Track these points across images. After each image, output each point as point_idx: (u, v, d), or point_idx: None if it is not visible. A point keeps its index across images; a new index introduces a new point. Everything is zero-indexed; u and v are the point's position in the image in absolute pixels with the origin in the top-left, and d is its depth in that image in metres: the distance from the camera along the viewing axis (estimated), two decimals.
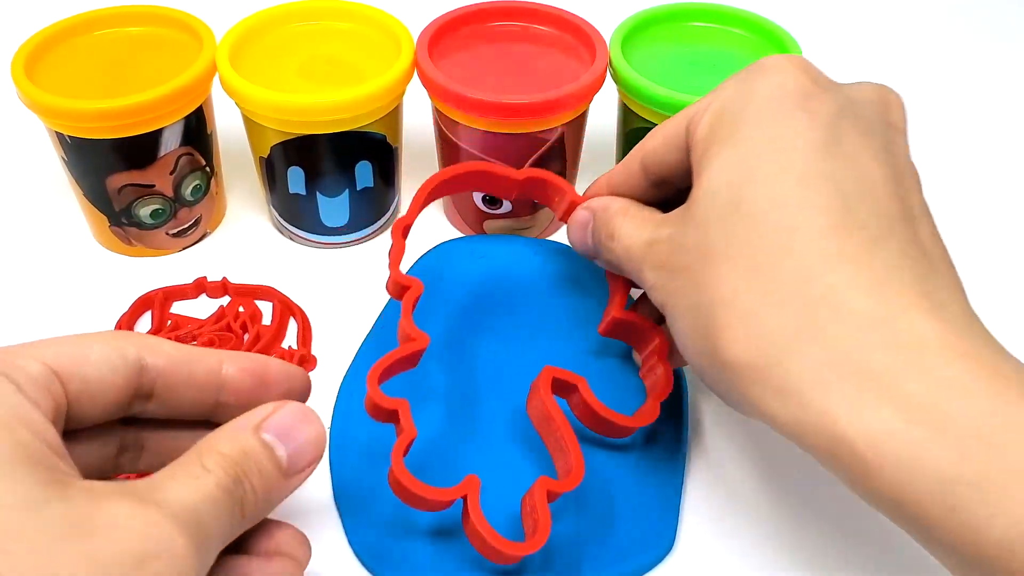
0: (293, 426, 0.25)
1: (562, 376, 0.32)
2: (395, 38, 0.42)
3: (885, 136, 0.27)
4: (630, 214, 0.31)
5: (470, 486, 0.28)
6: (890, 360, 0.22)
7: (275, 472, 0.24)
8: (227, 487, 0.23)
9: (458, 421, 0.33)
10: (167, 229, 0.43)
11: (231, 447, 0.24)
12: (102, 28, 0.42)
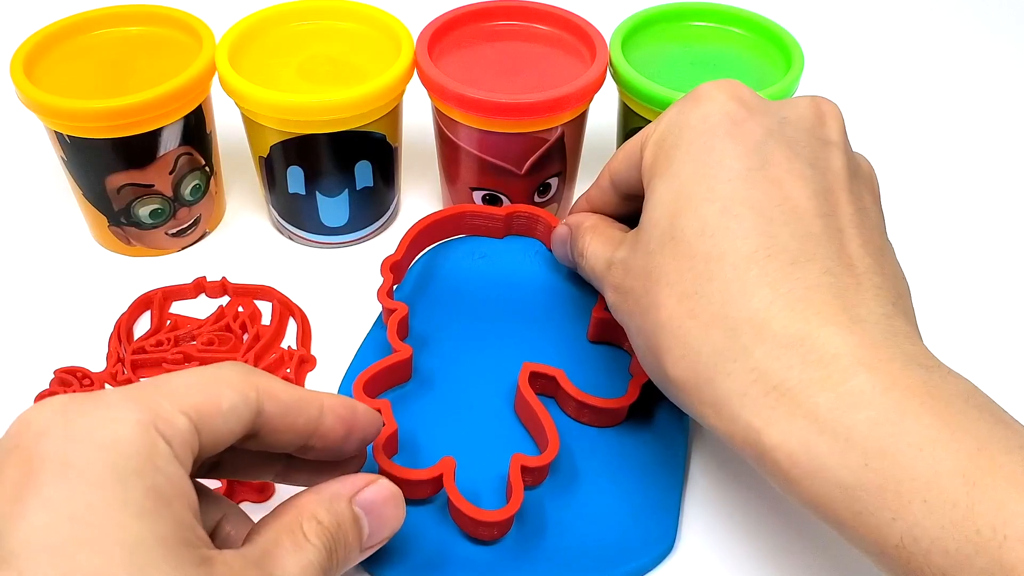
0: (383, 505, 0.26)
1: (540, 370, 0.34)
2: (395, 37, 0.41)
3: (814, 153, 0.28)
4: (597, 231, 0.33)
5: (446, 466, 0.30)
6: (805, 376, 0.24)
7: (356, 545, 0.26)
8: (322, 561, 0.24)
9: (448, 411, 0.34)
10: (166, 229, 0.43)
11: (329, 518, 0.25)
12: (101, 28, 0.42)
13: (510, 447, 0.33)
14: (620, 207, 0.34)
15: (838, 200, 0.27)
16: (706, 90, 0.29)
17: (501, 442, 0.33)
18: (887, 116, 0.55)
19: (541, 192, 0.42)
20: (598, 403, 0.33)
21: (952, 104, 0.56)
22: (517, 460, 0.30)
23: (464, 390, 0.35)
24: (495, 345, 0.36)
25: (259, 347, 0.38)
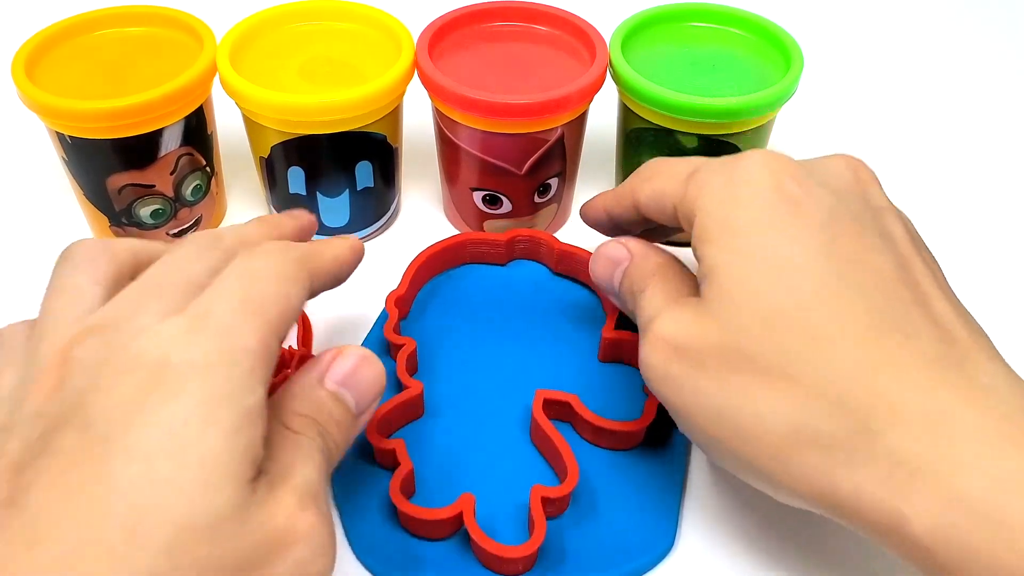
0: (356, 371, 0.27)
1: (554, 396, 0.33)
2: (395, 38, 0.42)
3: (876, 221, 0.27)
4: (665, 278, 0.30)
5: (465, 504, 0.30)
6: (951, 457, 0.23)
7: (348, 417, 0.26)
8: (321, 447, 0.25)
9: (463, 444, 0.34)
10: (167, 229, 0.43)
11: (308, 406, 0.25)
12: (102, 28, 0.42)
13: (528, 477, 0.32)
14: (641, 224, 0.34)
15: (913, 265, 0.27)
16: (750, 164, 0.28)
17: (519, 472, 0.33)
18: (887, 116, 0.55)
19: (541, 193, 0.42)
20: (616, 427, 0.33)
21: (952, 104, 0.57)
22: (537, 492, 0.30)
23: (478, 421, 0.34)
24: (506, 372, 0.36)
25: None
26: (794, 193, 0.27)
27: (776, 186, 0.27)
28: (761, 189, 0.27)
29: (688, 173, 0.29)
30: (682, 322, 0.27)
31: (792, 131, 0.52)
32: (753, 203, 0.27)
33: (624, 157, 0.44)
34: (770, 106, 0.39)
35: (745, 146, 0.41)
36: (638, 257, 0.31)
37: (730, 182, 0.28)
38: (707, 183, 0.28)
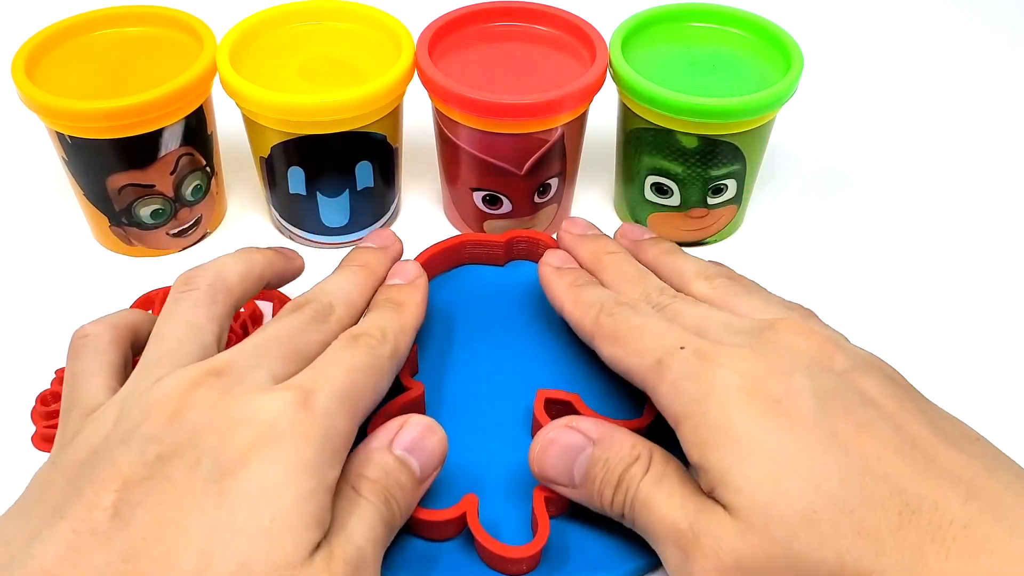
0: (422, 439, 0.29)
1: (555, 396, 0.33)
2: (395, 38, 0.42)
3: (853, 391, 0.27)
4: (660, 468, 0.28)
5: (469, 504, 0.30)
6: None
7: (412, 482, 0.28)
8: (383, 513, 0.27)
9: (465, 444, 0.34)
10: (167, 229, 0.43)
11: (375, 471, 0.27)
12: (102, 28, 0.42)
13: (530, 476, 0.32)
14: None
15: (904, 421, 0.26)
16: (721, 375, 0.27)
17: (521, 472, 0.33)
18: (887, 116, 0.55)
19: (541, 193, 0.42)
20: (619, 424, 0.32)
21: (952, 103, 0.57)
22: (540, 492, 0.30)
23: (479, 421, 0.34)
24: (507, 372, 0.36)
25: None
26: (775, 392, 0.27)
27: (755, 390, 0.27)
28: (743, 396, 0.27)
29: (655, 359, 0.29)
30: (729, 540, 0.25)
31: (792, 131, 0.52)
32: (743, 409, 0.26)
33: (624, 157, 0.44)
34: (770, 106, 0.39)
35: (745, 146, 0.41)
36: (605, 441, 0.29)
37: (709, 392, 0.27)
38: (684, 391, 0.28)
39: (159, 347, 0.28)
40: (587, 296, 0.33)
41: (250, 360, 0.27)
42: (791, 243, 0.46)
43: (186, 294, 0.30)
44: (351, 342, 0.29)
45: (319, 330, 0.30)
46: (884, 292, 0.43)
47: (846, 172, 0.51)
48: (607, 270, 0.35)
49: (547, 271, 0.35)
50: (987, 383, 0.39)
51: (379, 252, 0.35)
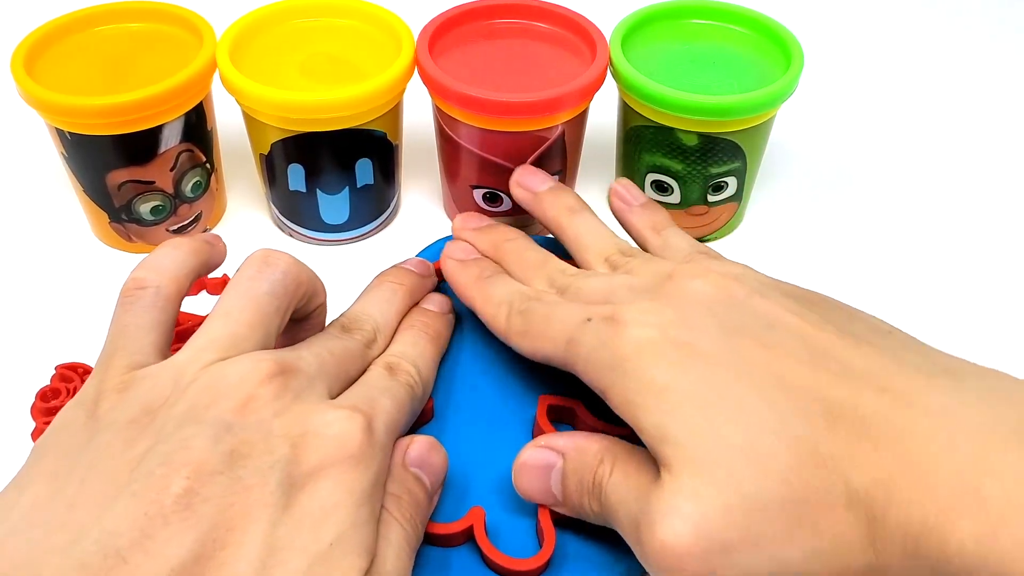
0: (428, 455, 0.29)
1: (558, 402, 0.33)
2: (396, 35, 0.42)
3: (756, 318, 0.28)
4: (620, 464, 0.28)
5: (475, 517, 0.30)
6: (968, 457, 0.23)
7: (426, 500, 0.28)
8: (407, 533, 0.27)
9: (469, 452, 0.34)
10: (167, 225, 0.43)
11: (399, 487, 0.27)
12: (102, 24, 0.42)
13: None
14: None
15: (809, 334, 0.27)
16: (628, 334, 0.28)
17: None
18: (887, 113, 0.55)
19: None
20: (620, 432, 0.32)
21: (952, 102, 0.57)
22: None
23: (484, 429, 0.34)
24: (510, 378, 0.36)
25: None
26: (683, 337, 0.27)
27: (665, 340, 0.27)
28: (655, 349, 0.27)
29: (566, 339, 0.29)
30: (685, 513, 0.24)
31: (792, 128, 0.52)
32: (658, 362, 0.27)
33: (624, 155, 0.44)
34: (770, 104, 0.39)
35: (745, 144, 0.41)
36: (572, 452, 0.29)
37: (623, 354, 0.27)
38: (600, 361, 0.28)
39: (227, 327, 0.27)
40: (495, 292, 0.33)
41: (313, 370, 0.28)
42: (791, 240, 0.46)
43: (264, 275, 0.29)
44: (390, 373, 0.30)
45: (364, 356, 0.31)
46: (884, 289, 0.43)
47: (846, 169, 0.51)
48: (508, 259, 0.35)
49: (451, 265, 0.35)
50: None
51: (419, 278, 0.36)
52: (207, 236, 0.32)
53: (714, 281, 0.29)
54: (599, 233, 0.35)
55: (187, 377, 0.25)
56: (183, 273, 0.29)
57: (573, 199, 0.37)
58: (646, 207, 0.37)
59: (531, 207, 0.38)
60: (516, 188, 0.38)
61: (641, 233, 0.36)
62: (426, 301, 0.36)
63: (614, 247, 0.34)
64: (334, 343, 0.30)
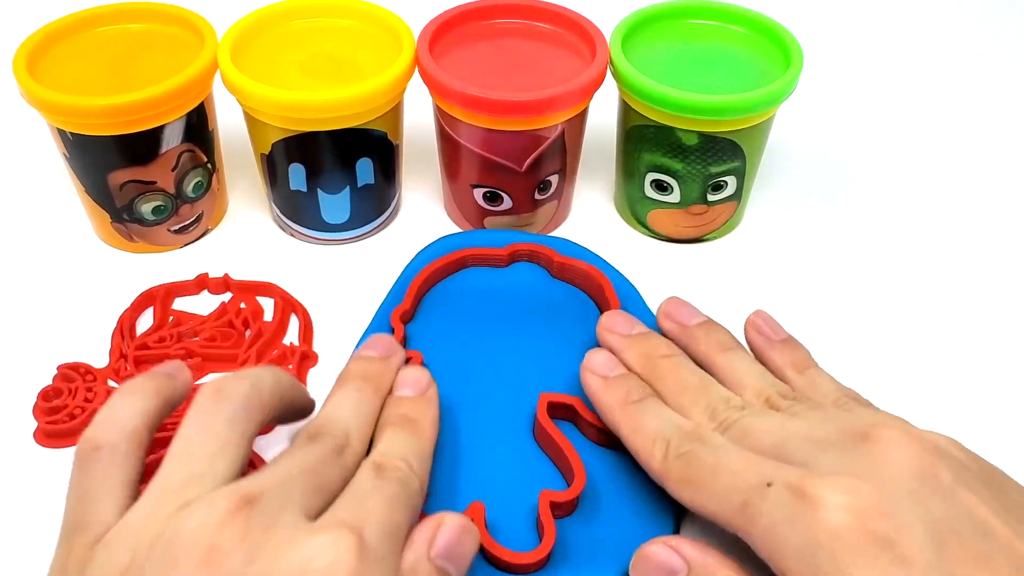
0: (459, 543, 0.27)
1: (558, 399, 0.34)
2: (396, 35, 0.42)
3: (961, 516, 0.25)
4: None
5: (476, 512, 0.30)
6: None
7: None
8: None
9: (470, 448, 0.34)
10: (169, 225, 0.43)
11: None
12: (104, 25, 0.42)
13: (534, 479, 0.33)
14: None
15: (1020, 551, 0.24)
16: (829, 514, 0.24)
17: (526, 475, 0.33)
18: (887, 113, 0.55)
19: (541, 189, 0.42)
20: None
21: (953, 101, 0.57)
22: (546, 497, 0.30)
23: (484, 425, 0.34)
24: (509, 375, 0.36)
25: (261, 344, 0.38)
26: (886, 532, 0.24)
27: (865, 532, 0.24)
28: (854, 542, 0.24)
29: (740, 501, 0.26)
30: None
31: (792, 128, 0.52)
32: (857, 560, 0.24)
33: (624, 154, 0.44)
34: (770, 103, 0.39)
35: (745, 143, 0.41)
36: (699, 569, 0.27)
37: (816, 540, 0.24)
38: (785, 539, 0.25)
39: (182, 467, 0.25)
40: (648, 423, 0.30)
41: (280, 491, 0.25)
42: (791, 239, 0.46)
43: (220, 405, 0.27)
44: (377, 474, 0.27)
45: (339, 463, 0.28)
46: (884, 289, 0.43)
47: (846, 169, 0.51)
48: (664, 379, 0.32)
49: (594, 383, 0.32)
50: (986, 378, 0.39)
51: (382, 364, 0.33)
52: (168, 368, 0.30)
53: (917, 454, 0.26)
54: (755, 370, 0.32)
55: (144, 542, 0.23)
56: (142, 423, 0.27)
57: (727, 336, 0.34)
58: (787, 344, 0.34)
59: (681, 339, 0.34)
60: (665, 320, 0.35)
61: (783, 371, 0.33)
62: (400, 384, 0.32)
63: (772, 387, 0.31)
64: (301, 455, 0.27)
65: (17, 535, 0.32)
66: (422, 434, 0.30)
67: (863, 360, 0.39)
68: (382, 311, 0.39)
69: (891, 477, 0.25)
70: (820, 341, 0.40)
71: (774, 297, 0.42)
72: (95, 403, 0.35)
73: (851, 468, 0.25)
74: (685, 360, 0.33)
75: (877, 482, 0.25)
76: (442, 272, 0.40)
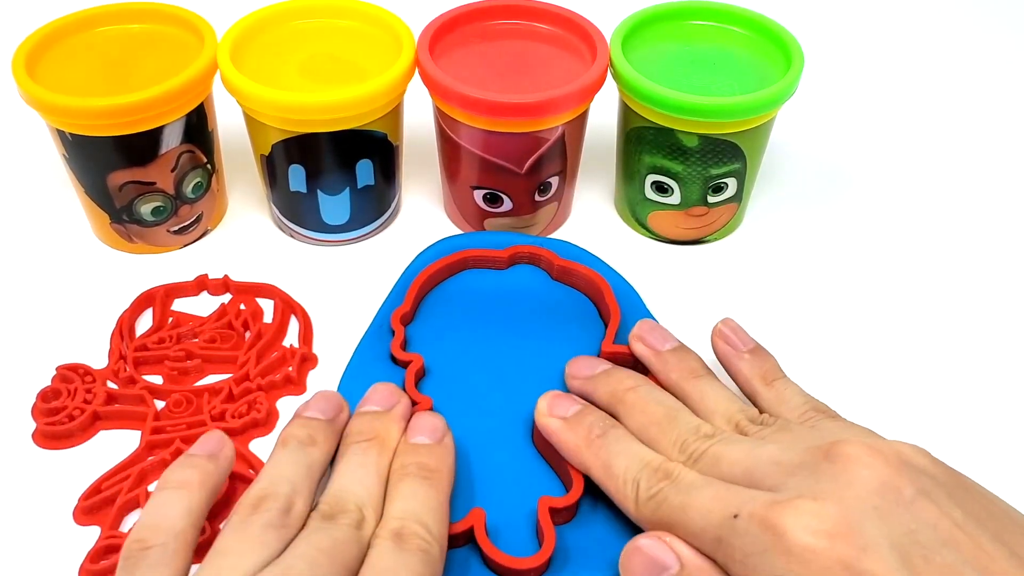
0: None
1: None
2: (396, 36, 0.42)
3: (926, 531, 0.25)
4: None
5: (476, 519, 0.30)
6: None
7: None
8: None
9: (469, 453, 0.34)
10: (168, 226, 0.43)
11: None
12: (103, 25, 0.42)
13: (533, 484, 0.33)
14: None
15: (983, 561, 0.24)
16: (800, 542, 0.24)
17: (525, 480, 0.33)
18: (887, 114, 0.55)
19: (541, 191, 0.42)
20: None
21: (952, 103, 0.57)
22: (545, 503, 0.30)
23: (483, 430, 0.34)
24: (509, 376, 0.36)
25: (261, 345, 0.38)
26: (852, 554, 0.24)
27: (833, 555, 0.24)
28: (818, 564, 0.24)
29: (713, 538, 0.26)
30: None
31: (792, 129, 0.52)
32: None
33: (625, 155, 0.44)
34: (770, 105, 0.39)
35: (745, 145, 0.41)
36: (693, 569, 0.27)
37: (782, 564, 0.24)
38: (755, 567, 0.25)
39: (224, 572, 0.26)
40: (616, 463, 0.30)
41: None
42: (791, 241, 0.46)
43: (260, 515, 0.27)
44: (398, 544, 0.27)
45: (358, 541, 0.27)
46: (883, 290, 0.43)
47: (846, 171, 0.51)
48: (631, 414, 0.31)
49: (553, 426, 0.32)
50: (986, 376, 0.39)
51: (387, 418, 0.32)
52: (209, 446, 0.30)
53: (879, 469, 0.26)
54: (724, 396, 0.32)
55: None
56: (188, 523, 0.28)
57: (697, 362, 0.34)
58: (755, 354, 0.34)
59: (652, 364, 0.34)
60: (637, 343, 0.35)
61: (750, 383, 0.33)
62: (415, 431, 0.31)
63: (741, 412, 0.31)
64: (320, 537, 0.27)
65: (16, 535, 0.32)
66: (439, 485, 0.29)
67: (863, 360, 0.39)
68: (382, 313, 0.39)
69: (855, 495, 0.25)
70: (820, 341, 0.40)
71: (774, 298, 0.42)
72: (94, 404, 0.35)
73: (815, 490, 0.25)
74: (651, 390, 0.32)
75: (841, 502, 0.25)
76: (442, 274, 0.40)
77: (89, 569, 0.31)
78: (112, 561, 0.31)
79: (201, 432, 0.35)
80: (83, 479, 0.33)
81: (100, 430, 0.36)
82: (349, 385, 0.36)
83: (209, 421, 0.35)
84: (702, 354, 0.35)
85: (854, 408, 0.33)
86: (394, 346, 0.36)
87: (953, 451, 0.29)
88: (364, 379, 0.36)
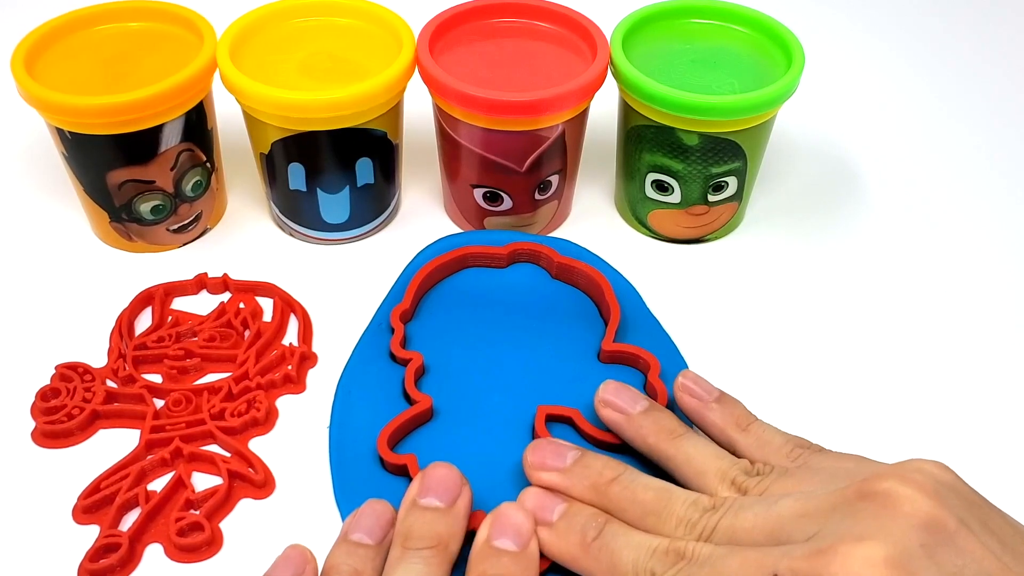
0: None
1: (556, 412, 0.34)
2: (396, 34, 0.42)
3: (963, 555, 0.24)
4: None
5: (475, 518, 0.30)
6: None
7: None
8: None
9: (469, 455, 0.34)
10: (167, 225, 0.43)
11: None
12: (102, 23, 0.42)
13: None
14: None
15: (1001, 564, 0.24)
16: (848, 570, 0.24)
17: (525, 479, 0.32)
18: (888, 113, 0.55)
19: (542, 190, 0.42)
20: (618, 441, 0.33)
21: (953, 101, 0.56)
22: None
23: (483, 434, 0.34)
24: (508, 374, 0.36)
25: (260, 344, 0.38)
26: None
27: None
28: None
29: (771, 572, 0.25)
30: None
31: (793, 128, 0.52)
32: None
33: (625, 154, 0.44)
34: (771, 104, 0.39)
35: (746, 144, 0.41)
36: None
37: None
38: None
39: None
40: (623, 559, 0.28)
41: None
42: (791, 240, 0.46)
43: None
44: None
45: None
46: (884, 290, 0.43)
47: (847, 169, 0.50)
48: (623, 509, 0.29)
49: (543, 539, 0.29)
50: (989, 376, 0.39)
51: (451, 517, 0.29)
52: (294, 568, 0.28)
53: (920, 503, 0.25)
54: (711, 453, 0.30)
55: None
56: None
57: (672, 421, 0.32)
58: (723, 401, 0.33)
59: (624, 431, 0.32)
60: (604, 409, 0.33)
61: (725, 432, 0.32)
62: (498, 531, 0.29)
63: (734, 467, 0.30)
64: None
65: (16, 534, 0.32)
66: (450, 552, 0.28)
67: (863, 360, 0.39)
68: (382, 311, 0.39)
69: (901, 533, 0.24)
70: (820, 342, 0.40)
71: (774, 297, 0.42)
72: (93, 403, 0.35)
73: (856, 532, 0.24)
74: (634, 476, 0.30)
75: (888, 540, 0.24)
76: (442, 272, 0.40)
77: (88, 568, 0.31)
78: (111, 560, 0.31)
79: (201, 432, 0.35)
80: (82, 478, 0.33)
81: (99, 429, 0.35)
82: (349, 384, 0.36)
83: (208, 420, 0.35)
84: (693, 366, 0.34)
85: (854, 408, 0.33)
86: (394, 344, 0.36)
87: (953, 451, 0.29)
88: (364, 377, 0.36)
